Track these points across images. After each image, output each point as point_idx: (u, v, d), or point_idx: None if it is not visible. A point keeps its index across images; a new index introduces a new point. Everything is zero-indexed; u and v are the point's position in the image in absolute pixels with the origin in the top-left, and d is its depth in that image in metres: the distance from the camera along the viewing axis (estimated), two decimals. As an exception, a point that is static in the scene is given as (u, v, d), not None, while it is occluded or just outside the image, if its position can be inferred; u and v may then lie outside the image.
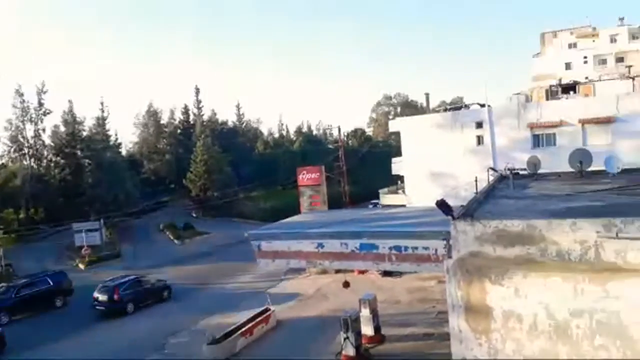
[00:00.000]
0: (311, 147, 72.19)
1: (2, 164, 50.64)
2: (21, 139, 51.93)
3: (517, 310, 7.66)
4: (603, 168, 14.37)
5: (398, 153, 35.19)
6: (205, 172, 57.73)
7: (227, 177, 58.84)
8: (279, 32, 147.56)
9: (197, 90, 72.29)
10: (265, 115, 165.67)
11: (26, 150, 52.35)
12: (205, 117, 73.28)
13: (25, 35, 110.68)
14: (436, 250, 12.08)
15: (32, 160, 53.22)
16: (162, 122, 74.13)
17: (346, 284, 20.16)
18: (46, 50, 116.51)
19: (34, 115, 52.08)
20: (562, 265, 7.29)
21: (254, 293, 25.48)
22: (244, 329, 18.63)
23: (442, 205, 8.46)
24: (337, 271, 24.20)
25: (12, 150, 52.15)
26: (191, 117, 74.17)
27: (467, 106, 35.06)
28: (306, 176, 34.37)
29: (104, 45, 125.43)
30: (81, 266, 35.80)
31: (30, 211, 49.46)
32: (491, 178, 16.51)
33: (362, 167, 60.16)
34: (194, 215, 56.39)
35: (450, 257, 8.40)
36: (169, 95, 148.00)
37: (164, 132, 73.00)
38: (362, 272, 24.92)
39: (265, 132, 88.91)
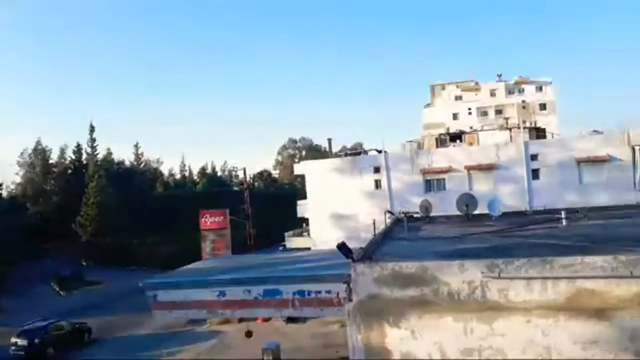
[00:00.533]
0: (216, 189, 70.62)
1: None
2: None
3: (414, 351, 7.82)
4: (487, 211, 15.61)
5: (304, 196, 35.65)
6: (97, 216, 53.72)
7: (122, 221, 55.10)
8: (183, 69, 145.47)
9: (92, 128, 68.01)
10: (167, 155, 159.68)
11: None
12: (100, 157, 68.92)
13: None
14: (338, 293, 12.15)
15: None
16: (51, 161, 68.46)
17: (249, 334, 19.54)
18: None
19: None
20: (453, 305, 7.60)
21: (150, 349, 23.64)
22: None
23: (342, 247, 8.55)
24: (240, 320, 23.35)
25: None
26: (84, 156, 69.31)
27: (365, 152, 36.80)
28: (209, 219, 33.43)
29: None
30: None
31: None
32: (388, 220, 17.16)
33: (268, 209, 59.87)
34: (84, 263, 51.80)
35: (350, 300, 8.42)
36: (60, 132, 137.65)
37: (53, 172, 67.34)
38: (265, 319, 24.30)
39: (166, 173, 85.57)
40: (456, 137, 38.26)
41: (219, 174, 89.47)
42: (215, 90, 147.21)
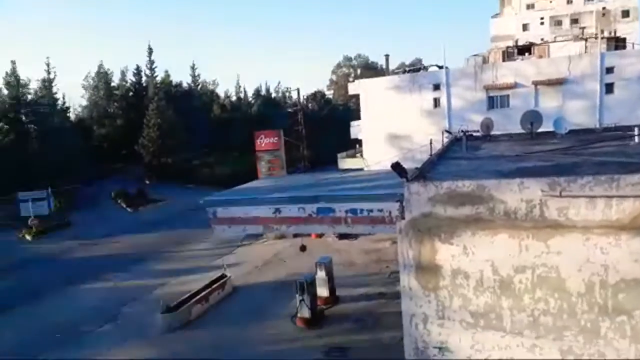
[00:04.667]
0: (270, 111, 70.81)
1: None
2: (-41, 104, 48.45)
3: (465, 267, 7.84)
4: (552, 129, 14.69)
5: (358, 117, 35.07)
6: (158, 137, 55.72)
7: (182, 142, 57.04)
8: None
9: (150, 50, 68.73)
10: (222, 77, 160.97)
11: (-36, 115, 48.95)
12: (158, 79, 70.17)
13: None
14: (390, 212, 12.17)
15: (-29, 126, 49.84)
16: (113, 84, 70.63)
17: (303, 248, 20.23)
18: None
19: (-28, 78, 48.53)
20: (509, 223, 7.43)
21: (210, 260, 25.25)
22: (199, 297, 18.43)
23: (397, 167, 8.46)
24: (295, 236, 24.21)
25: (-51, 115, 48.65)
26: (144, 78, 70.82)
27: (425, 68, 35.13)
28: (264, 140, 33.86)
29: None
30: (28, 237, 34.30)
31: (-31, 181, 46.67)
32: (446, 140, 16.66)
33: (322, 130, 59.76)
34: (147, 182, 54.66)
35: (403, 218, 8.42)
36: (120, 55, 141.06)
37: (115, 95, 69.67)
38: (319, 235, 25.07)
39: (222, 95, 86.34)
40: (525, 49, 35.55)
41: (273, 95, 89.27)
42: (268, 8, 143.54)
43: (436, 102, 30.17)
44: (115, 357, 15.17)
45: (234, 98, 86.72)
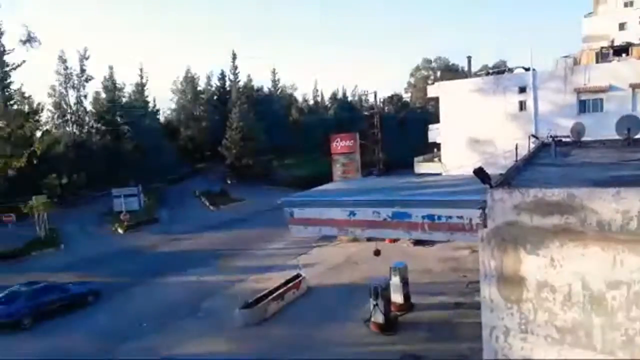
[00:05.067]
0: (346, 114, 71.35)
1: (46, 130, 52.38)
2: (64, 106, 53.52)
3: (551, 280, 7.44)
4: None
5: (436, 120, 34.37)
6: (240, 140, 58.16)
7: (262, 145, 59.13)
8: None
9: (234, 56, 72.00)
10: (301, 81, 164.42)
11: (69, 117, 53.97)
12: (241, 83, 73.20)
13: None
14: (470, 219, 11.81)
15: (74, 126, 54.86)
16: (199, 88, 74.62)
17: (377, 252, 20.11)
18: (86, 16, 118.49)
19: (76, 82, 53.49)
20: (602, 235, 6.95)
21: (285, 259, 25.87)
22: (275, 294, 18.95)
23: (480, 172, 8.20)
24: (369, 239, 24.09)
25: (56, 116, 53.86)
26: (227, 83, 74.23)
27: (510, 70, 33.67)
28: (340, 144, 34.10)
29: (142, 11, 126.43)
30: (120, 231, 37.13)
31: (72, 177, 51.38)
32: (532, 145, 15.90)
33: (398, 134, 59.14)
34: (228, 182, 57.17)
35: (485, 226, 8.16)
36: (206, 61, 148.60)
37: (201, 98, 73.54)
38: (393, 240, 24.80)
39: (300, 99, 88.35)
40: (621, 50, 32.93)
41: (349, 98, 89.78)
42: (344, 10, 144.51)
43: (522, 105, 28.81)
44: (196, 348, 15.98)
45: (311, 102, 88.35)
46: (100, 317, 19.74)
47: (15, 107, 46.64)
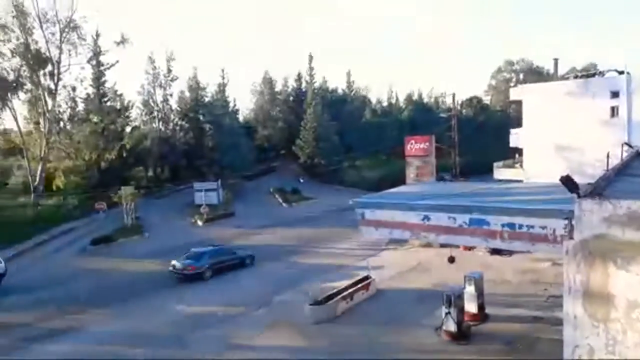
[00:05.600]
0: (421, 116, 70.10)
1: (135, 126, 56.25)
2: (152, 104, 57.11)
3: (645, 300, 6.92)
4: None
5: (517, 124, 32.87)
6: (313, 140, 59.05)
7: (334, 145, 59.67)
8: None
9: (311, 58, 73.16)
10: (375, 83, 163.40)
11: (156, 114, 57.51)
12: (316, 85, 74.25)
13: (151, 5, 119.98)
14: (554, 230, 11.22)
15: (160, 123, 58.40)
16: (276, 89, 76.63)
17: (451, 259, 19.60)
18: (174, 17, 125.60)
19: (163, 81, 56.98)
20: None
21: (355, 260, 25.91)
22: (344, 294, 19.06)
23: (567, 181, 7.78)
24: (442, 245, 23.56)
25: (144, 113, 57.67)
26: (303, 84, 75.67)
27: (601, 73, 31.46)
28: (414, 146, 33.59)
29: (227, 16, 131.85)
30: (199, 223, 39.06)
31: (157, 170, 54.82)
32: (625, 154, 14.81)
33: (476, 138, 57.21)
34: (301, 180, 58.22)
35: (571, 238, 7.76)
36: (284, 63, 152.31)
37: (278, 99, 75.46)
38: (468, 248, 24.01)
39: (374, 100, 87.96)
40: None
41: (426, 100, 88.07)
42: (422, 11, 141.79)
43: (613, 111, 26.87)
44: (267, 340, 16.47)
45: (385, 103, 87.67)
46: (184, 302, 21.10)
47: (108, 104, 50.49)
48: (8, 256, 28.95)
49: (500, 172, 34.83)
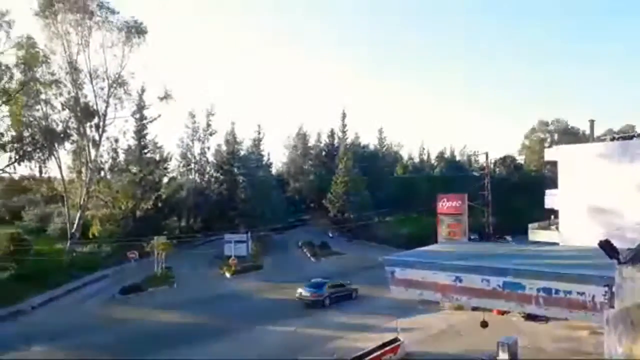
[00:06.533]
0: (453, 174, 69.85)
1: (173, 177, 58.06)
2: (189, 156, 59.25)
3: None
4: None
5: (553, 185, 32.19)
6: (344, 194, 59.27)
7: (365, 200, 59.63)
8: (422, 57, 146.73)
9: (344, 115, 75.27)
10: (407, 139, 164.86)
11: (192, 166, 59.44)
12: (348, 141, 75.65)
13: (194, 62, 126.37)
14: (593, 297, 10.75)
15: (197, 175, 60.15)
16: (309, 144, 78.30)
17: (484, 324, 18.83)
18: (216, 73, 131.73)
19: (201, 135, 59.30)
20: None
21: (384, 320, 25.15)
22: (372, 356, 18.39)
23: (607, 246, 7.55)
24: (474, 308, 22.68)
25: (181, 165, 59.65)
26: (336, 140, 77.17)
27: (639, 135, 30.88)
28: (447, 204, 33.18)
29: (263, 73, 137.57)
30: (227, 274, 39.01)
31: (189, 220, 55.81)
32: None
33: (509, 198, 56.22)
34: (330, 235, 58.02)
35: (612, 306, 7.42)
36: (318, 119, 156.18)
37: (310, 154, 76.93)
38: (502, 312, 23.03)
39: (406, 157, 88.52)
40: None
41: (458, 158, 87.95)
42: (453, 73, 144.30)
43: (654, 174, 25.99)
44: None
45: (416, 160, 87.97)
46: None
47: (148, 155, 52.47)
48: (40, 302, 29.75)
49: (536, 234, 33.72)
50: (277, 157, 79.77)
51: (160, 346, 21.98)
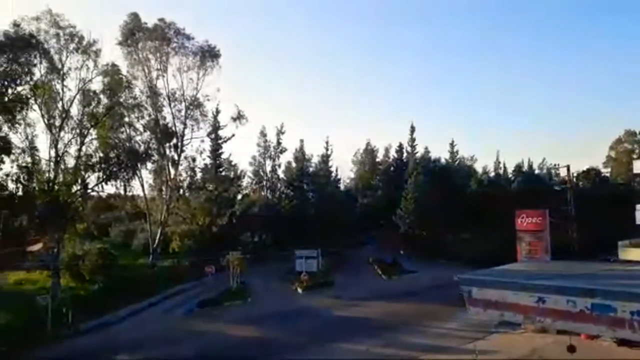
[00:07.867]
0: (532, 188, 66.21)
1: (246, 194, 60.09)
2: (261, 173, 61.12)
3: None
4: None
5: (644, 199, 29.75)
6: (414, 210, 58.04)
7: (437, 216, 57.87)
8: (504, 65, 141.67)
9: (413, 129, 74.31)
10: (481, 153, 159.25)
11: (264, 183, 61.23)
12: (418, 155, 74.39)
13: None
14: (699, 323, 9.70)
15: (268, 191, 61.82)
16: (377, 159, 77.87)
17: (572, 349, 17.61)
18: (286, 90, 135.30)
19: (272, 153, 61.11)
20: None
21: (460, 342, 24.15)
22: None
23: None
24: (560, 332, 21.20)
25: (254, 182, 61.66)
26: (404, 154, 76.15)
27: None
28: (526, 220, 31.64)
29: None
30: (299, 290, 39.42)
31: (261, 236, 57.27)
32: None
33: (595, 212, 52.40)
34: (401, 252, 56.87)
35: None
36: (386, 133, 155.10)
37: (379, 169, 76.44)
38: (591, 337, 21.35)
39: (480, 171, 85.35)
40: None
41: (537, 171, 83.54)
42: (533, 83, 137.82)
43: None
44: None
45: (492, 174, 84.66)
46: None
47: (223, 173, 54.72)
48: (125, 314, 32.04)
49: (627, 252, 31.10)
50: (346, 172, 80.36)
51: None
